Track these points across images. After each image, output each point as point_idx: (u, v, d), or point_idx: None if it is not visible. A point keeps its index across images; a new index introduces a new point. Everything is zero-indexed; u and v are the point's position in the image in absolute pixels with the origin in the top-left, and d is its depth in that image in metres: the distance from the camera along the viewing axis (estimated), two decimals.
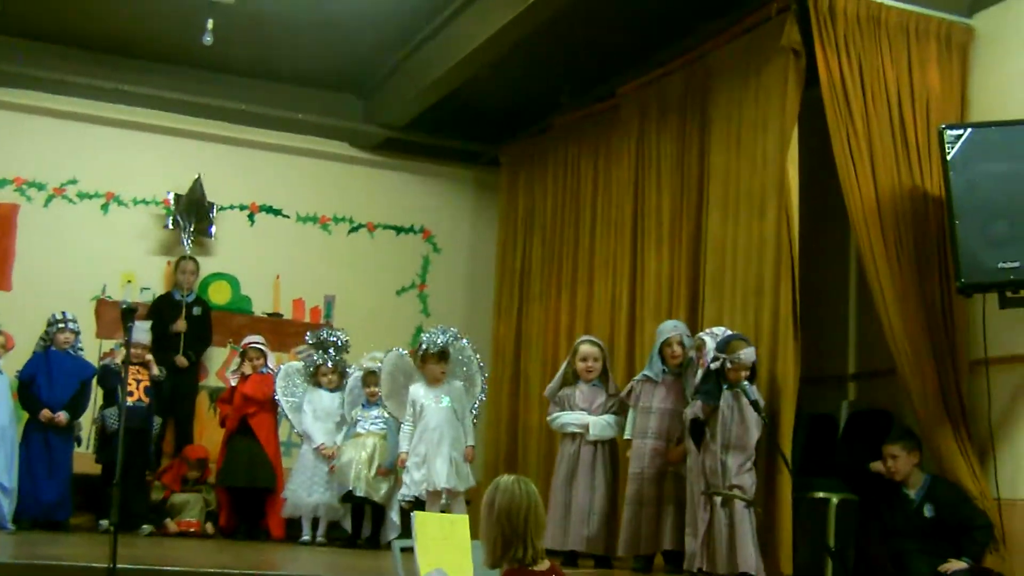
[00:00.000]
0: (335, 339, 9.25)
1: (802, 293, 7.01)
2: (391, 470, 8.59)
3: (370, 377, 8.89)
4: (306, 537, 8.80)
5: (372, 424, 8.82)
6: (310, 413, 9.03)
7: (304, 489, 8.83)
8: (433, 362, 8.26)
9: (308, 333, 9.52)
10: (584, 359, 7.87)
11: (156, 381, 9.00)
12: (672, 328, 7.60)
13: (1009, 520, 6.66)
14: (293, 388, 9.20)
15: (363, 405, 8.96)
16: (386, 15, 9.35)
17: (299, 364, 9.34)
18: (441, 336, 8.29)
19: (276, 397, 9.11)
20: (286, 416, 9.15)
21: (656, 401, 7.49)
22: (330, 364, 9.13)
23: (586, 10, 8.30)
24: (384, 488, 8.59)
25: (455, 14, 9.10)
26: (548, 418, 8.02)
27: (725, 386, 6.86)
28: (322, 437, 8.94)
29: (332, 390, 9.13)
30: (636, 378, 7.72)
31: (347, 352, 9.28)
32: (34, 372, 8.73)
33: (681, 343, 7.49)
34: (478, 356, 8.66)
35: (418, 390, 8.28)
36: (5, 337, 8.56)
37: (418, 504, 8.05)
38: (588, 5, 8.17)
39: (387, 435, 8.70)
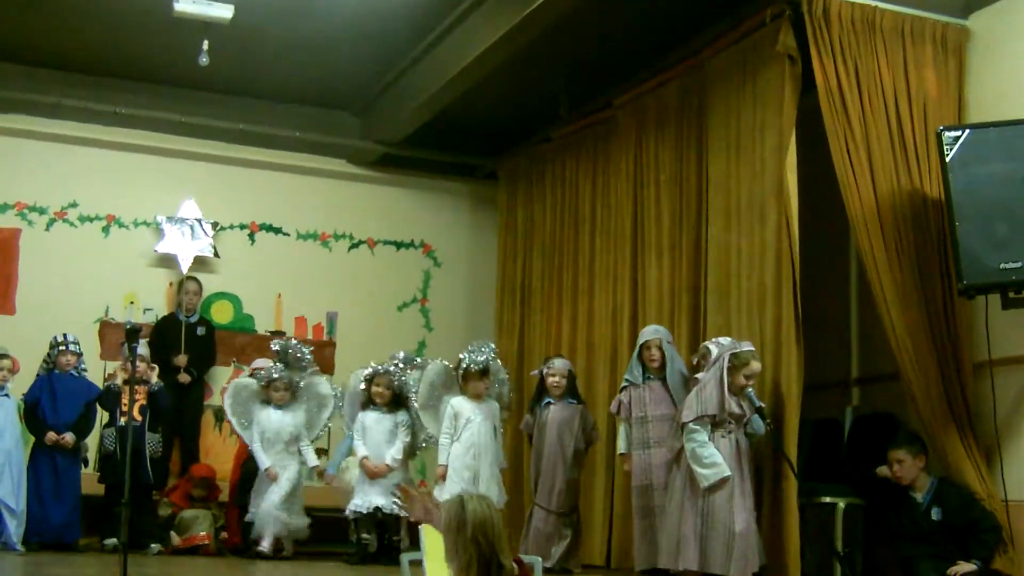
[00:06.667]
0: (300, 356, 8.98)
1: (804, 299, 7.00)
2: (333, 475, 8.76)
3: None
4: (263, 548, 8.55)
5: None
6: (258, 435, 8.81)
7: (270, 507, 8.63)
8: (476, 379, 8.15)
9: (274, 341, 9.23)
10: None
11: (152, 393, 8.93)
12: (652, 332, 7.67)
13: (1017, 521, 6.64)
14: (242, 406, 8.94)
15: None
16: (380, 32, 9.37)
17: (248, 381, 9.12)
18: (481, 354, 8.21)
19: (227, 415, 8.90)
20: (238, 433, 8.94)
21: (650, 409, 7.50)
22: (284, 380, 8.84)
23: (580, 22, 8.32)
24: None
25: (449, 29, 9.12)
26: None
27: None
28: (269, 461, 8.73)
29: (281, 407, 8.88)
30: (621, 387, 7.72)
31: (304, 371, 9.03)
32: (38, 395, 8.75)
33: (660, 347, 7.55)
34: (507, 375, 8.61)
35: (462, 404, 8.15)
36: (12, 361, 8.56)
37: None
38: (582, 17, 8.18)
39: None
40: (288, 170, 11.17)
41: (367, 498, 8.42)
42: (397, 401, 8.65)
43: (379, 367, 8.69)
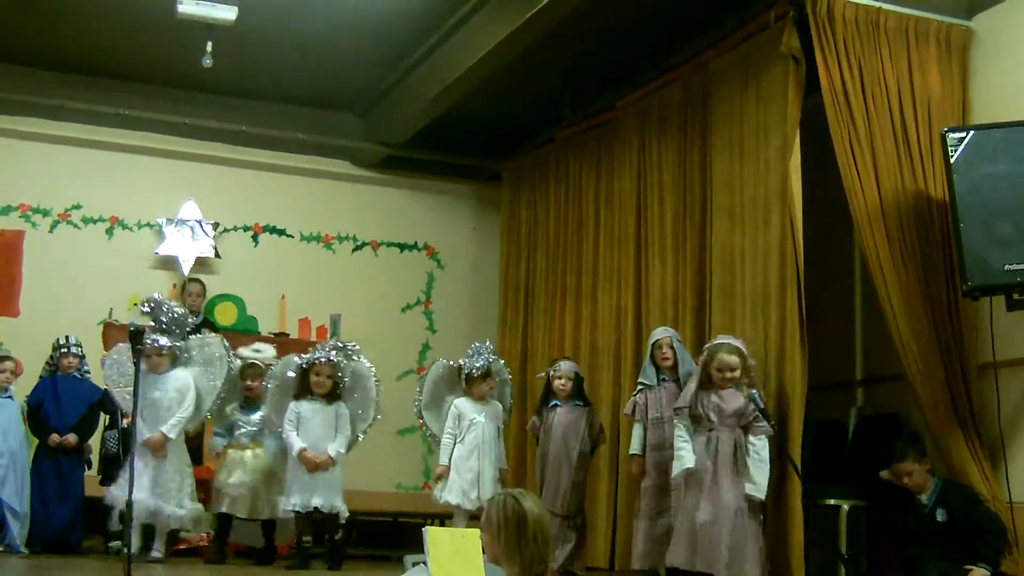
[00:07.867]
0: (174, 317, 8.07)
1: (808, 300, 6.99)
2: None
3: (250, 370, 8.31)
4: (115, 544, 8.09)
5: (254, 429, 8.27)
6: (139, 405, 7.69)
7: (122, 490, 7.47)
8: (479, 382, 8.11)
9: (145, 301, 8.16)
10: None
11: None
12: (662, 332, 7.67)
13: (1021, 523, 6.62)
14: (122, 376, 7.99)
15: (240, 406, 8.34)
16: (383, 33, 9.38)
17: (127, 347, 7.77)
18: (480, 357, 8.15)
19: (108, 388, 8.16)
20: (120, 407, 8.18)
21: (666, 410, 7.46)
22: (160, 343, 7.88)
23: (584, 23, 8.32)
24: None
25: (452, 31, 9.13)
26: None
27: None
28: (148, 432, 7.76)
29: (161, 374, 7.96)
30: (635, 391, 7.70)
31: (179, 333, 8.11)
32: (41, 397, 8.74)
33: (671, 346, 7.55)
34: (509, 377, 8.57)
35: (466, 405, 8.11)
36: (15, 363, 8.56)
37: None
38: (585, 18, 8.19)
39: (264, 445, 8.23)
40: (291, 172, 11.20)
41: (305, 495, 7.83)
42: (334, 392, 8.07)
43: (319, 355, 8.07)
